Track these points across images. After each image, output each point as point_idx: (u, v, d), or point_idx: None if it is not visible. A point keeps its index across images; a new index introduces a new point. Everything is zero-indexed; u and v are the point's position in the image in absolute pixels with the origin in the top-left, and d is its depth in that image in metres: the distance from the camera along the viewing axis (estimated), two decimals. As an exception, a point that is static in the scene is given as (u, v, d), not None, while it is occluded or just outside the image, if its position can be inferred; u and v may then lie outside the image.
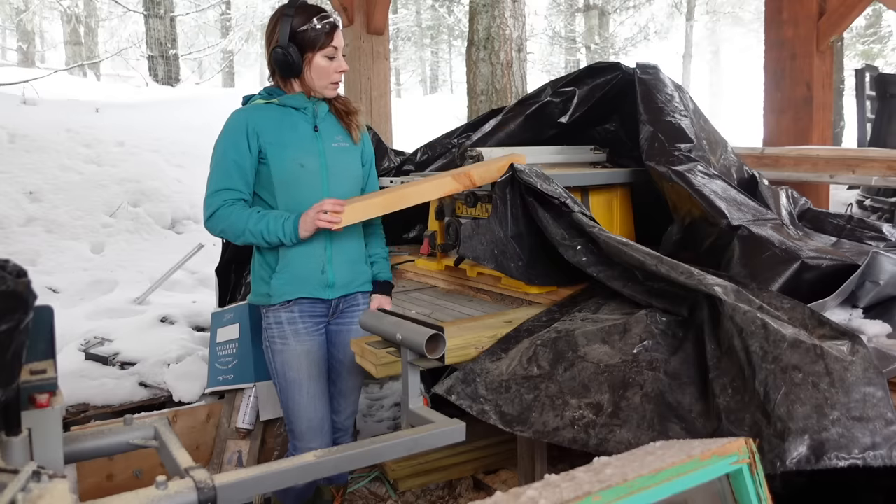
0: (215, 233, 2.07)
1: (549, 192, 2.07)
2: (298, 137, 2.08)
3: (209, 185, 2.05)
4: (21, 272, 1.09)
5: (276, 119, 2.07)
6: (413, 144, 3.29)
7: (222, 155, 2.04)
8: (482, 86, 5.96)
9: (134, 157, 6.64)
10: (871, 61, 12.72)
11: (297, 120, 2.09)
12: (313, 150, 2.09)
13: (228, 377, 2.87)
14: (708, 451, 1.04)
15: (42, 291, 1.53)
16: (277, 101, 2.10)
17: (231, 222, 2.00)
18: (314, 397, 2.13)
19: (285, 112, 2.09)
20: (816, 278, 1.87)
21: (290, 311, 2.09)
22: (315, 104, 2.13)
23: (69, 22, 15.61)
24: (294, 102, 2.10)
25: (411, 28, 22.44)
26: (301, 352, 2.10)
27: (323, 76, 2.07)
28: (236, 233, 2.02)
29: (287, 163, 2.04)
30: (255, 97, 2.14)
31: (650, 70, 2.53)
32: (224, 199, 2.01)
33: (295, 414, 2.13)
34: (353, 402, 2.31)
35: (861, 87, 5.74)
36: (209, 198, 2.03)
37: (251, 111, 2.07)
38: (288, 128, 2.07)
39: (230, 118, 2.08)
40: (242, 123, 2.04)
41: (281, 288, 2.07)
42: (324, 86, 2.10)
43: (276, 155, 2.04)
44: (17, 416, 1.15)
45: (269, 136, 2.04)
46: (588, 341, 1.72)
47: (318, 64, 2.06)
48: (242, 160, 2.02)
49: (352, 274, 2.17)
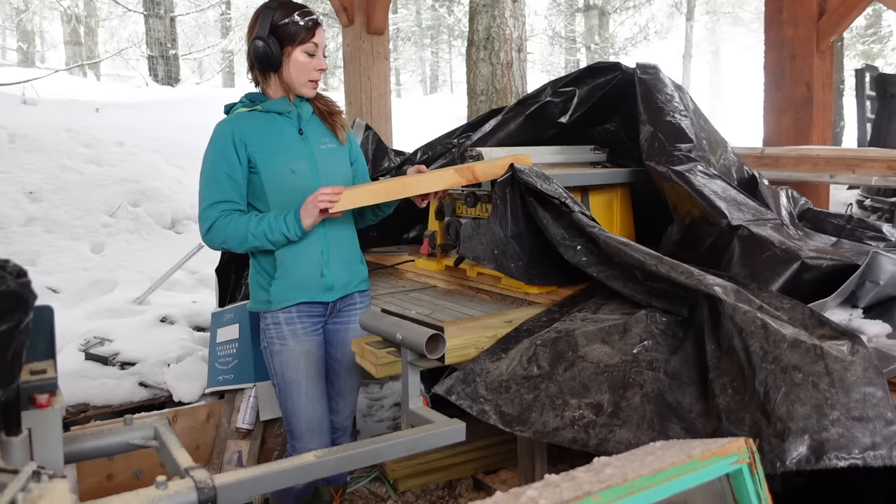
0: (216, 245, 2.05)
1: (549, 192, 2.07)
2: (285, 143, 2.06)
3: (203, 199, 2.02)
4: (21, 272, 1.09)
5: (261, 126, 2.05)
6: (413, 144, 3.29)
7: (213, 168, 2.01)
8: (482, 86, 5.97)
9: (134, 157, 6.63)
10: (871, 61, 12.71)
11: (282, 125, 2.08)
12: (302, 153, 2.08)
13: (228, 377, 2.87)
14: (708, 451, 1.04)
15: (42, 291, 1.52)
16: (261, 107, 2.07)
17: (231, 231, 1.98)
18: (312, 398, 2.13)
19: (269, 118, 2.07)
20: (816, 278, 1.87)
21: (289, 312, 2.08)
22: (298, 107, 2.11)
23: (69, 22, 15.61)
24: (277, 107, 2.08)
25: (411, 28, 22.44)
26: (300, 352, 2.10)
27: (301, 72, 2.04)
28: (239, 240, 2.00)
29: (278, 169, 2.03)
30: (238, 105, 2.11)
31: (650, 70, 2.53)
32: (221, 211, 1.99)
33: (293, 414, 2.13)
34: (351, 401, 2.31)
35: (861, 87, 5.75)
36: (205, 211, 2.01)
37: (235, 121, 2.05)
38: (274, 134, 2.05)
39: (216, 130, 2.05)
40: (228, 134, 2.02)
41: (281, 294, 2.07)
42: (302, 83, 2.06)
43: (266, 163, 2.02)
44: (17, 416, 1.15)
45: (256, 145, 2.02)
46: (588, 341, 1.72)
47: (297, 59, 2.03)
48: (233, 172, 2.00)
49: (349, 275, 2.17)
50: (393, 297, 2.56)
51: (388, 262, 2.98)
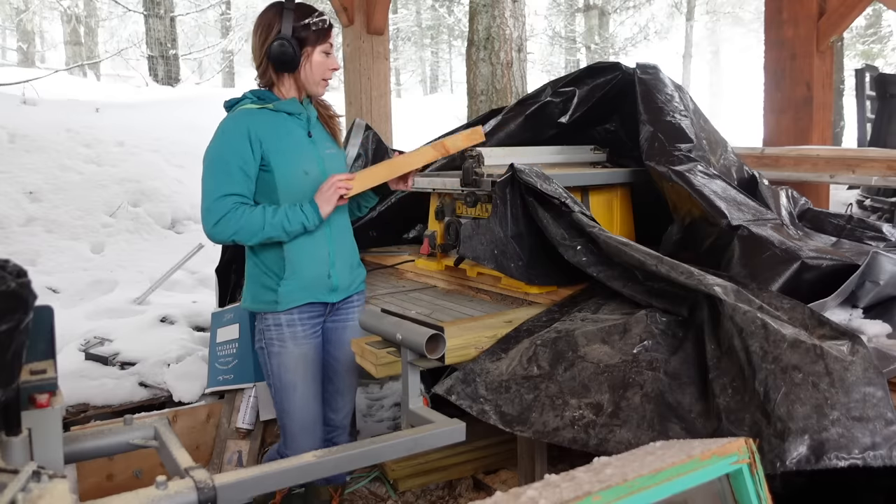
0: (224, 238, 1.98)
1: (549, 192, 2.07)
2: (297, 144, 2.06)
3: (210, 191, 1.97)
4: (21, 272, 1.09)
5: (273, 125, 2.04)
6: (413, 144, 3.27)
7: (224, 160, 1.98)
8: (482, 86, 5.97)
9: (134, 157, 6.63)
10: (871, 61, 12.72)
11: (292, 126, 2.08)
12: (312, 156, 2.09)
13: (228, 377, 2.87)
14: (708, 451, 1.04)
15: (42, 291, 1.52)
16: (272, 106, 2.06)
17: (245, 223, 1.95)
18: (308, 399, 2.13)
19: (279, 117, 2.06)
20: (816, 278, 1.87)
21: (290, 314, 2.08)
22: (307, 110, 2.13)
23: (69, 22, 15.61)
24: (289, 108, 2.08)
25: (411, 28, 22.44)
26: (298, 355, 2.10)
27: (318, 72, 2.08)
28: (253, 230, 1.96)
29: (293, 170, 2.03)
30: (244, 101, 2.09)
31: (650, 70, 2.53)
32: (233, 203, 1.96)
33: (288, 415, 2.13)
34: (350, 399, 2.32)
35: (861, 87, 5.74)
36: (214, 203, 1.95)
37: (248, 116, 2.03)
38: (285, 135, 2.05)
39: (228, 123, 2.03)
40: (244, 128, 1.99)
41: (290, 294, 2.06)
42: (317, 82, 2.09)
43: (281, 163, 2.01)
44: (17, 416, 1.15)
45: (271, 144, 2.01)
46: (588, 341, 1.72)
47: (316, 59, 2.06)
48: (247, 166, 1.98)
49: (351, 276, 2.21)
50: (393, 297, 2.56)
51: (388, 262, 2.98)
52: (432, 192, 2.72)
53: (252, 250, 2.11)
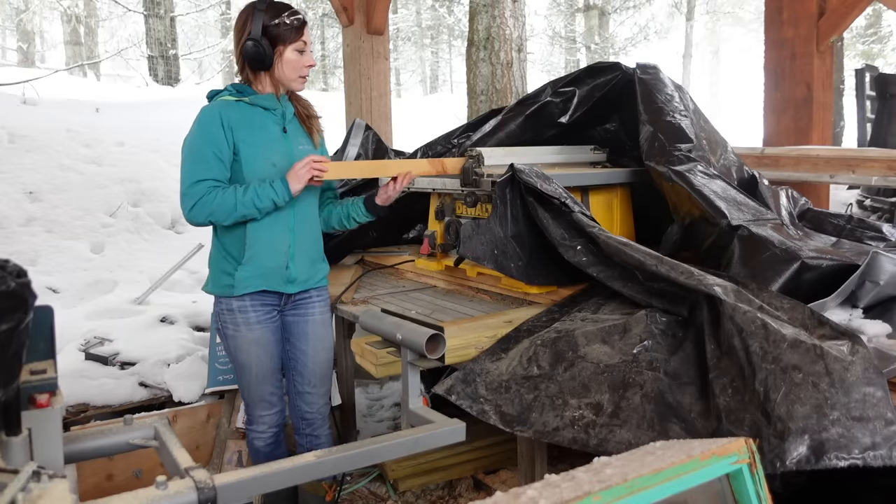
0: (201, 220, 2.07)
1: (549, 192, 2.08)
2: (269, 138, 2.13)
3: (186, 178, 2.06)
4: (21, 272, 1.09)
5: (247, 118, 2.12)
6: (413, 144, 3.29)
7: (200, 148, 2.06)
8: (482, 86, 5.96)
9: (134, 157, 6.63)
10: (871, 61, 12.72)
11: (267, 120, 2.15)
12: (283, 150, 2.15)
13: (228, 377, 2.87)
14: (708, 451, 1.04)
15: (42, 291, 1.53)
16: (248, 99, 2.14)
17: (219, 203, 2.04)
18: (262, 378, 2.24)
19: (255, 111, 2.14)
20: (816, 278, 1.87)
21: (242, 300, 2.16)
22: (283, 106, 2.18)
23: (69, 22, 15.60)
24: (264, 103, 2.15)
25: (411, 28, 22.43)
26: (251, 340, 2.18)
27: (293, 70, 2.14)
28: (227, 210, 2.04)
29: (260, 161, 2.10)
30: (223, 93, 2.17)
31: (650, 70, 2.53)
32: (207, 187, 2.04)
33: (246, 389, 2.27)
34: (324, 393, 2.37)
35: (861, 87, 5.75)
36: (189, 188, 2.05)
37: (223, 107, 2.11)
38: (258, 127, 2.12)
39: (203, 113, 2.11)
40: (217, 117, 2.07)
41: (245, 280, 2.14)
42: (293, 79, 2.16)
43: (250, 154, 2.09)
44: (17, 416, 1.15)
45: (241, 134, 2.09)
46: (588, 341, 1.72)
47: (289, 58, 2.12)
48: (221, 153, 2.07)
49: (311, 271, 2.26)
50: (393, 297, 2.56)
51: (388, 262, 2.98)
52: (432, 192, 2.72)
53: (216, 235, 2.19)
